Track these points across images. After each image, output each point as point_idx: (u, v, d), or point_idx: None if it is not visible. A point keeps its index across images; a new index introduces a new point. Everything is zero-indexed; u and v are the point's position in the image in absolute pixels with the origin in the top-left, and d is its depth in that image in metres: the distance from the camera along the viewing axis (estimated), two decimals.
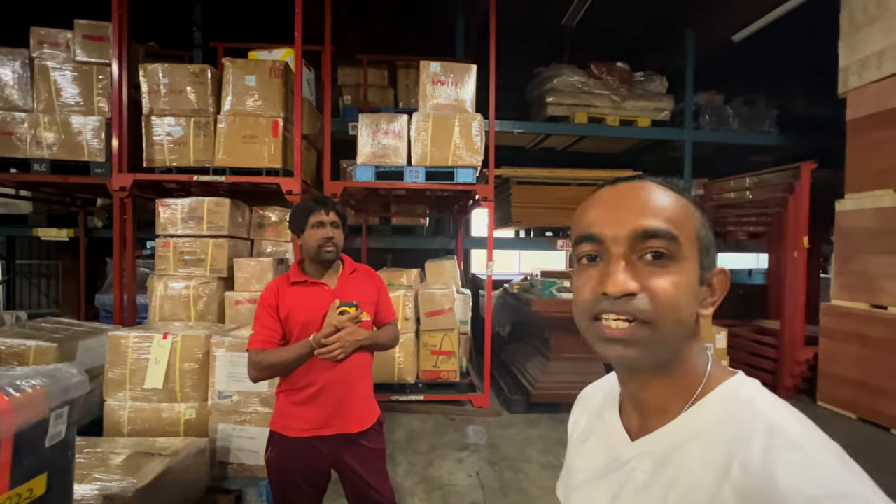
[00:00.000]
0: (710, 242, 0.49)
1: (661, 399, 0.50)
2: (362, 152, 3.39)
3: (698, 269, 0.47)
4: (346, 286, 1.50)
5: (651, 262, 0.46)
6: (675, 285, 0.45)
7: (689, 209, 0.48)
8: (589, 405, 0.65)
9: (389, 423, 3.21)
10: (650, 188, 0.48)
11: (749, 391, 0.47)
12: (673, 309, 0.45)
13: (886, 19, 3.36)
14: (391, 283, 3.78)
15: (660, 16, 4.94)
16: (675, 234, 0.46)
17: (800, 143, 5.14)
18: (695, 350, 0.49)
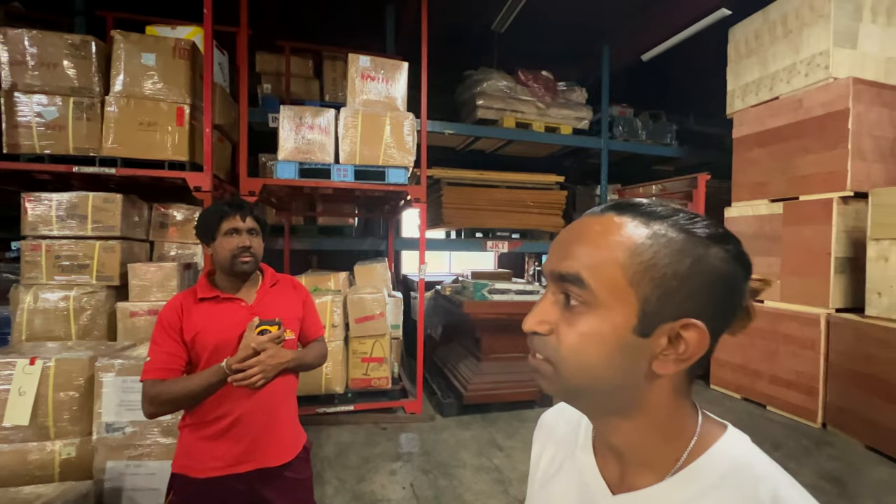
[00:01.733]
0: (671, 289, 0.41)
1: (640, 449, 0.47)
2: (284, 147, 3.13)
3: (633, 318, 0.41)
4: (267, 301, 1.34)
5: (566, 306, 0.44)
6: (578, 333, 0.43)
7: (639, 249, 0.41)
8: (553, 435, 0.61)
9: (316, 438, 3.01)
10: (598, 224, 0.44)
11: (745, 453, 0.44)
12: (573, 356, 0.43)
13: (761, 53, 3.88)
14: (317, 288, 3.55)
15: (580, 31, 5.24)
16: (585, 279, 0.42)
17: (696, 156, 5.79)
18: (667, 402, 0.45)
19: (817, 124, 3.36)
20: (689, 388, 0.47)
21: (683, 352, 0.42)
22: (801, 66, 3.51)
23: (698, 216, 0.44)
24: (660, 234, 0.42)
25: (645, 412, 0.45)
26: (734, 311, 0.45)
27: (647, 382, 0.44)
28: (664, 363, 0.42)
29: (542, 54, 5.52)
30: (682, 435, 0.46)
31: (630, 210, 0.44)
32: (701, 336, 0.42)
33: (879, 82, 3.29)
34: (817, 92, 3.38)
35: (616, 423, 0.47)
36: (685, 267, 0.41)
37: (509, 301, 3.55)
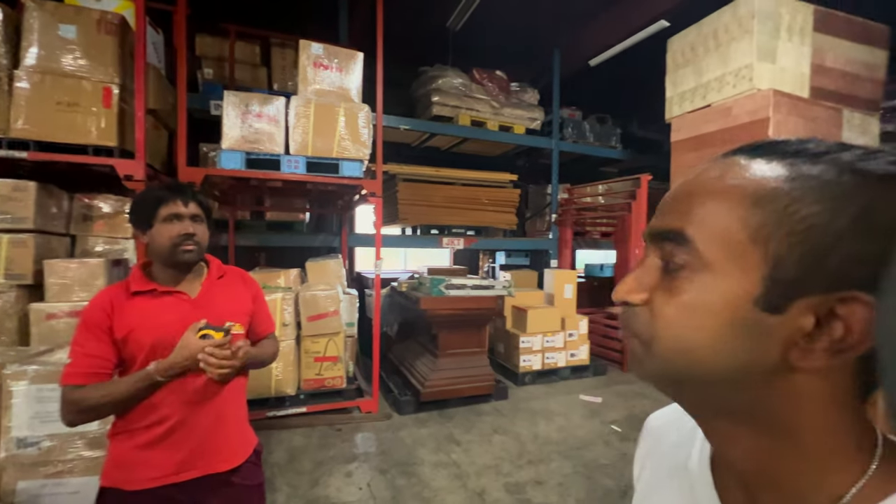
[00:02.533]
0: (821, 247, 0.29)
1: (773, 477, 0.34)
2: (229, 136, 2.93)
3: (756, 285, 0.30)
4: (212, 294, 1.23)
5: (666, 272, 0.35)
6: (678, 304, 0.33)
7: (770, 193, 0.31)
8: (660, 444, 0.49)
9: (266, 444, 2.85)
10: (717, 169, 0.34)
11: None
12: (670, 333, 0.33)
13: (696, 63, 4.19)
14: (266, 286, 3.37)
15: (532, 34, 5.38)
16: (689, 235, 0.33)
17: (638, 159, 6.14)
18: (819, 414, 0.32)
19: (744, 131, 3.67)
20: (859, 400, 0.32)
21: (841, 338, 0.29)
22: (729, 76, 3.82)
23: (882, 150, 0.31)
24: (806, 174, 0.30)
25: (778, 424, 0.33)
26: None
27: (780, 379, 0.31)
28: (808, 354, 0.30)
29: (497, 54, 5.61)
30: (844, 468, 0.32)
31: (767, 149, 0.33)
32: (868, 315, 0.28)
33: (794, 95, 3.65)
34: (743, 101, 3.69)
35: (733, 431, 0.35)
36: (845, 218, 0.29)
37: (466, 296, 3.57)
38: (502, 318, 4.52)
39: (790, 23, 3.71)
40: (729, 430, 0.35)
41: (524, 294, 4.62)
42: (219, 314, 1.18)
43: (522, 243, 5.90)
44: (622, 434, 3.13)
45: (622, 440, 3.04)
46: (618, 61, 5.31)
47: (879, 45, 4.06)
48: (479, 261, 7.12)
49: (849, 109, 3.91)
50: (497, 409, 3.57)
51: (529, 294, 4.68)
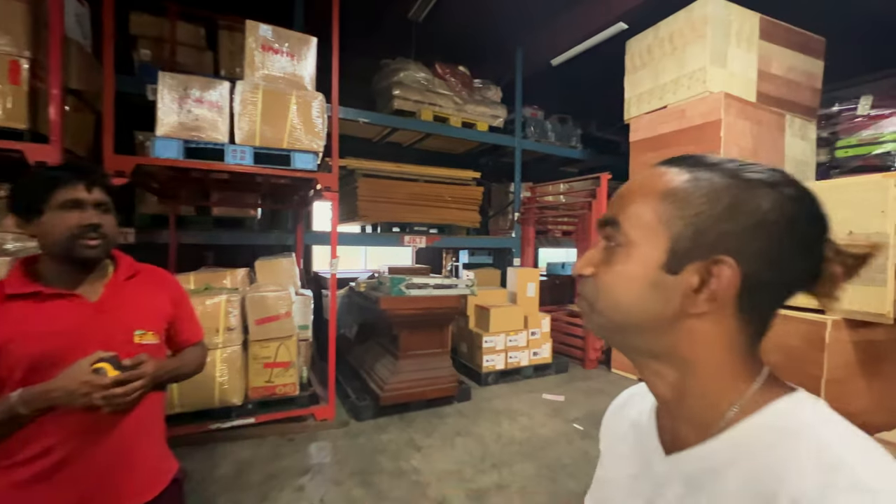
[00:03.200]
0: (703, 227, 0.41)
1: (683, 403, 0.45)
2: (165, 122, 2.66)
3: (662, 254, 0.42)
4: (119, 298, 1.05)
5: (606, 249, 0.47)
6: (612, 272, 0.45)
7: (673, 191, 0.43)
8: (624, 410, 0.60)
9: (209, 459, 2.62)
10: (645, 175, 0.47)
11: (808, 414, 0.40)
12: (607, 293, 0.45)
13: (653, 65, 4.29)
14: (209, 287, 3.11)
15: (495, 29, 5.34)
16: (619, 221, 0.45)
17: (597, 159, 6.26)
18: (711, 353, 0.43)
19: (697, 132, 3.79)
20: (748, 346, 0.43)
21: (714, 290, 0.41)
22: (684, 79, 3.93)
23: (757, 163, 0.43)
24: (700, 177, 0.42)
25: (683, 358, 0.44)
26: (798, 269, 0.42)
27: (681, 324, 0.43)
28: (694, 302, 0.42)
29: (460, 50, 5.53)
30: (732, 391, 0.42)
31: (679, 161, 0.46)
32: (732, 273, 0.40)
33: (743, 98, 3.81)
34: (697, 103, 3.81)
35: (657, 368, 0.46)
36: (721, 206, 0.41)
37: (428, 295, 3.45)
38: (465, 318, 4.45)
39: (739, 30, 3.86)
40: (655, 367, 0.46)
41: (487, 293, 4.56)
42: (127, 321, 1.00)
43: (486, 241, 5.85)
44: (584, 432, 3.12)
45: (584, 438, 3.03)
46: (578, 62, 5.38)
47: (817, 56, 4.32)
48: (443, 259, 7.02)
49: (791, 115, 4.14)
50: (460, 410, 3.49)
51: (492, 293, 4.63)
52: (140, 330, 1.07)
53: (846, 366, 2.80)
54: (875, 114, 4.61)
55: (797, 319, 2.94)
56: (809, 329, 2.86)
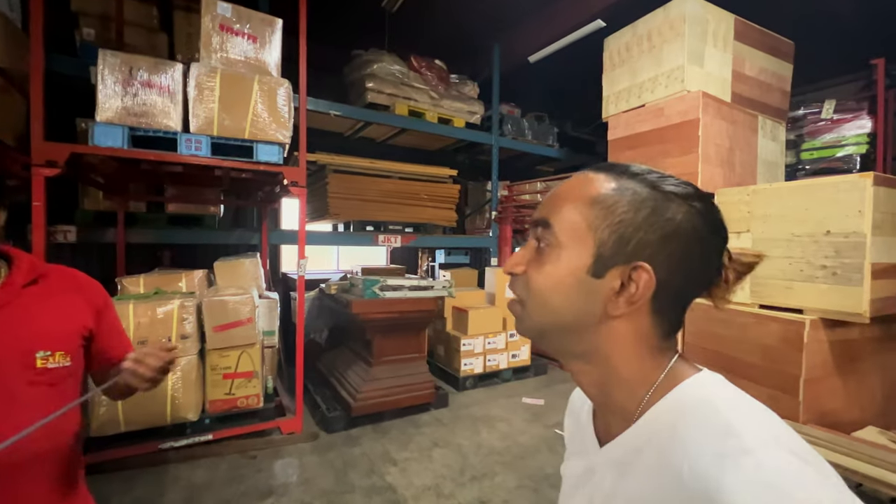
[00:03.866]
0: (625, 235, 0.45)
1: (608, 397, 0.49)
2: (106, 106, 2.37)
3: (588, 259, 0.46)
4: (16, 310, 0.83)
5: (537, 249, 0.49)
6: (542, 273, 0.47)
7: (601, 198, 0.46)
8: (574, 410, 0.64)
9: (157, 483, 2.35)
10: (576, 178, 0.49)
11: (709, 390, 0.44)
12: (536, 294, 0.48)
13: (631, 63, 4.26)
14: (159, 291, 2.81)
15: (472, 24, 5.20)
16: (550, 222, 0.47)
17: (573, 158, 6.23)
18: (628, 349, 0.47)
19: (675, 131, 3.77)
20: (660, 340, 0.47)
21: (633, 293, 0.45)
22: (662, 77, 3.91)
23: (674, 177, 0.48)
24: (625, 187, 0.46)
25: (604, 356, 0.47)
26: (702, 274, 0.47)
27: (604, 324, 0.46)
28: (615, 304, 0.45)
29: (436, 44, 5.36)
30: (646, 381, 0.47)
31: (607, 168, 0.49)
32: (649, 278, 0.44)
33: (719, 98, 3.81)
34: (675, 102, 3.78)
35: (582, 367, 0.49)
36: (642, 216, 0.45)
37: (403, 298, 3.27)
38: (442, 320, 4.29)
39: (715, 29, 3.86)
40: (581, 367, 0.50)
41: (465, 294, 4.42)
42: (24, 340, 0.79)
43: (462, 241, 5.71)
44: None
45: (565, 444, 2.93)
46: (554, 60, 5.31)
47: (786, 59, 4.40)
48: (419, 259, 6.84)
49: (763, 116, 4.19)
50: (437, 418, 3.32)
51: (470, 294, 4.49)
52: (44, 350, 0.85)
53: (823, 365, 2.81)
54: (838, 118, 4.77)
55: (775, 319, 2.94)
56: (787, 329, 2.86)
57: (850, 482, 2.23)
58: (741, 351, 3.13)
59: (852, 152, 4.70)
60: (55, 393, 0.87)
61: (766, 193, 3.08)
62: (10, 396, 0.82)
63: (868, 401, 2.97)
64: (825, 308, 2.75)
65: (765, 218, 3.07)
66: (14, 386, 0.82)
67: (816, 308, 2.79)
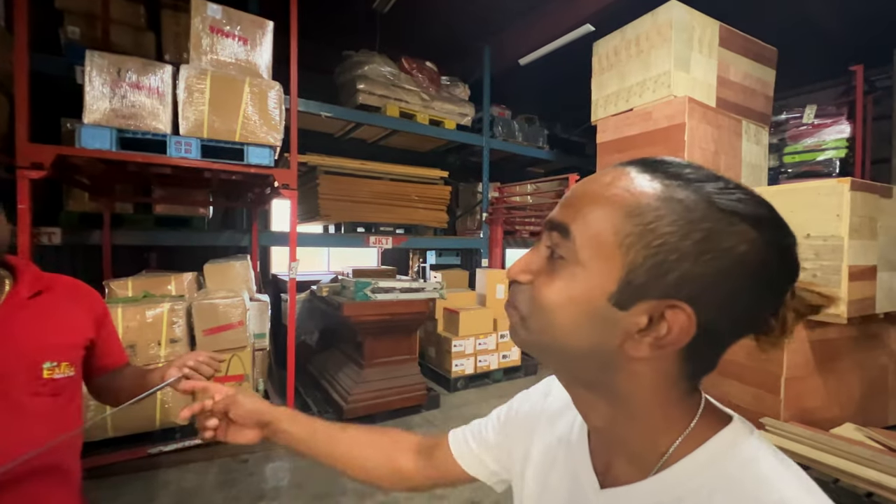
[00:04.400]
0: (666, 262, 0.35)
1: (620, 438, 0.43)
2: (94, 108, 2.34)
3: (612, 284, 0.37)
4: (18, 322, 0.83)
5: (550, 258, 0.41)
6: (552, 288, 0.39)
7: (640, 208, 0.36)
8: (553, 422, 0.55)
9: (146, 489, 2.33)
10: (610, 176, 0.40)
11: (749, 450, 0.38)
12: (542, 311, 0.40)
13: (619, 67, 4.32)
14: (148, 294, 2.79)
15: (463, 26, 5.23)
16: (571, 230, 0.39)
17: (563, 160, 6.30)
18: (650, 391, 0.39)
19: (662, 135, 3.84)
20: (688, 381, 0.40)
21: (663, 336, 0.36)
22: (649, 82, 3.98)
23: (744, 189, 0.37)
24: (674, 197, 0.36)
25: (618, 396, 0.41)
26: (757, 315, 0.38)
27: (620, 362, 0.39)
28: (637, 344, 0.37)
29: (427, 45, 5.37)
30: (670, 430, 0.40)
31: (654, 167, 0.39)
32: (688, 323, 0.36)
33: (704, 103, 3.90)
34: (662, 106, 3.86)
35: (588, 398, 0.44)
36: (692, 240, 0.35)
37: (395, 300, 3.28)
38: (433, 321, 4.31)
39: (701, 36, 3.95)
40: (587, 397, 0.43)
41: (456, 295, 4.44)
42: (29, 352, 0.79)
43: (453, 242, 5.74)
44: None
45: None
46: (544, 63, 5.36)
47: (770, 65, 4.51)
48: (409, 261, 6.85)
49: (747, 121, 4.29)
50: (429, 419, 3.34)
51: (461, 295, 4.51)
52: (50, 361, 0.86)
53: (805, 364, 2.90)
54: (818, 122, 4.90)
55: None
56: None
57: (828, 477, 2.31)
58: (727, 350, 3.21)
59: (832, 156, 4.83)
60: (58, 403, 0.88)
61: None
62: (16, 407, 0.82)
63: (846, 398, 3.07)
64: None
65: None
66: (19, 397, 0.83)
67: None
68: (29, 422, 0.82)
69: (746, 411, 3.04)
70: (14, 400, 0.82)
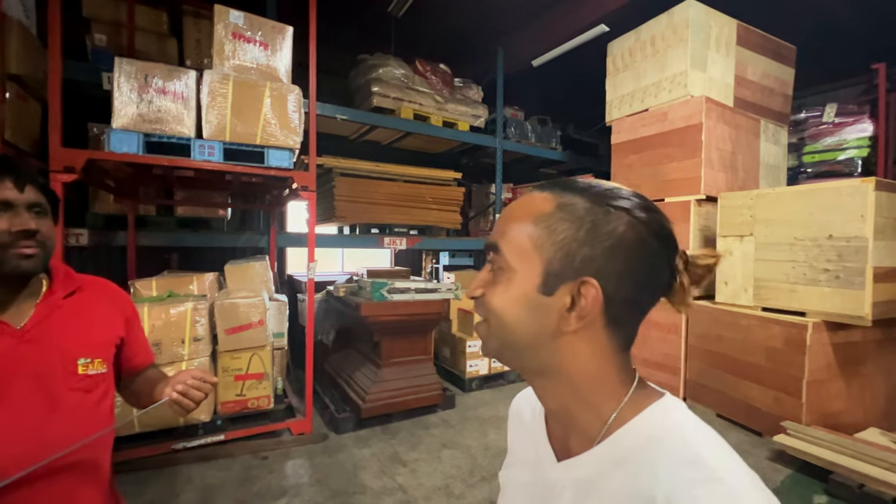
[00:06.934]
0: (570, 252, 0.45)
1: (569, 413, 0.50)
2: (123, 113, 2.41)
3: (537, 278, 0.46)
4: (54, 322, 0.87)
5: (491, 271, 0.50)
6: (497, 294, 0.48)
7: (543, 216, 0.47)
8: (519, 415, 0.64)
9: (171, 485, 2.39)
10: (523, 199, 0.50)
11: (675, 417, 0.46)
12: (495, 315, 0.48)
13: (634, 68, 4.30)
14: (172, 294, 2.86)
15: (476, 28, 5.25)
16: (500, 246, 0.49)
17: (576, 161, 6.27)
18: (587, 365, 0.47)
19: (679, 135, 3.81)
20: (618, 355, 0.48)
21: (583, 307, 0.45)
22: (665, 82, 3.95)
23: (619, 188, 0.48)
24: (566, 203, 0.47)
25: (564, 373, 0.48)
26: (653, 282, 0.47)
27: (559, 341, 0.47)
28: (567, 320, 0.46)
29: (440, 48, 5.41)
30: (610, 401, 0.47)
31: (551, 185, 0.49)
32: (596, 293, 0.44)
33: (722, 102, 3.86)
34: (678, 107, 3.83)
35: (543, 384, 0.51)
36: (584, 231, 0.45)
37: (411, 300, 3.31)
38: (448, 322, 4.33)
39: (718, 35, 3.91)
40: (542, 383, 0.51)
41: None
42: (66, 349, 0.83)
43: (467, 243, 5.75)
44: None
45: None
46: (557, 63, 5.36)
47: (788, 63, 4.45)
48: (423, 261, 6.88)
49: (765, 120, 4.23)
50: (445, 419, 3.36)
51: None
52: (84, 358, 0.90)
53: (827, 367, 2.85)
54: (839, 121, 4.80)
55: (778, 322, 2.98)
56: (790, 331, 2.90)
57: (853, 482, 2.27)
58: (745, 353, 3.17)
59: (854, 156, 4.73)
60: (91, 399, 0.92)
61: (769, 198, 3.12)
62: (54, 401, 0.86)
63: (871, 403, 3.02)
64: (828, 311, 2.79)
65: (768, 222, 3.11)
66: (57, 391, 0.87)
67: (819, 311, 2.83)
68: (65, 416, 0.86)
69: (766, 414, 3.01)
70: (53, 394, 0.86)
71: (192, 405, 0.92)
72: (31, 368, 0.80)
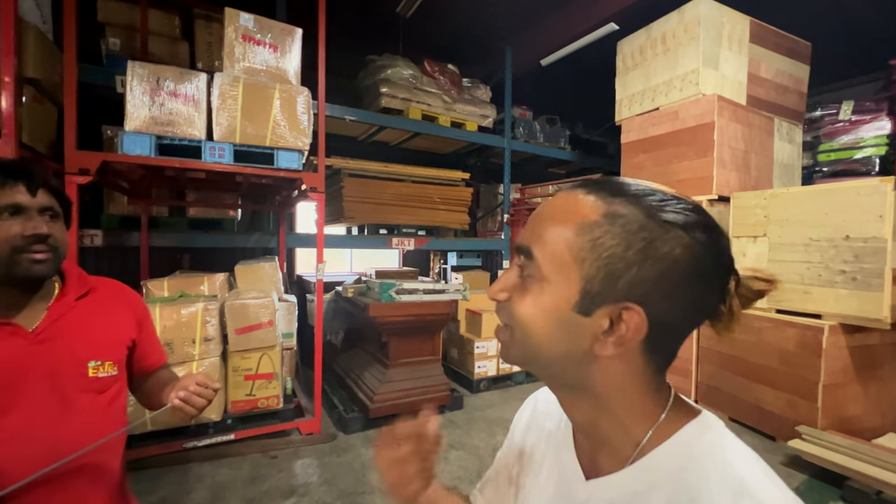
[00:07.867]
0: (615, 271, 0.40)
1: (600, 431, 0.47)
2: (135, 115, 2.45)
3: (574, 295, 0.42)
4: (66, 324, 0.88)
5: (520, 276, 0.45)
6: (525, 303, 0.44)
7: (588, 226, 0.41)
8: (539, 424, 0.60)
9: (182, 482, 2.42)
10: (563, 199, 0.45)
11: (714, 438, 0.43)
12: (520, 324, 0.44)
13: (644, 66, 4.25)
14: (183, 294, 2.89)
15: (484, 28, 5.23)
16: (533, 252, 0.44)
17: (585, 160, 6.22)
18: (621, 386, 0.44)
19: (690, 134, 3.76)
20: (654, 375, 0.45)
21: (623, 335, 0.41)
22: (676, 81, 3.90)
23: (678, 199, 0.42)
24: (617, 213, 0.41)
25: (596, 393, 0.45)
26: (703, 305, 0.43)
27: (592, 362, 0.43)
28: (603, 345, 0.42)
29: (448, 48, 5.40)
30: (644, 421, 0.45)
31: (599, 187, 0.44)
32: (640, 321, 0.41)
33: (734, 101, 3.80)
34: (690, 105, 3.78)
35: (570, 397, 0.48)
36: (634, 250, 0.40)
37: (419, 301, 3.31)
38: (456, 322, 4.32)
39: (731, 32, 3.85)
40: (569, 397, 0.48)
41: (478, 296, 4.44)
42: (77, 351, 0.84)
43: (475, 244, 5.74)
44: None
45: None
46: (565, 63, 5.32)
47: (803, 61, 4.36)
48: (431, 262, 6.88)
49: (779, 118, 4.16)
50: (452, 420, 3.36)
51: (483, 296, 4.51)
52: (95, 360, 0.91)
53: (843, 371, 2.79)
54: (856, 119, 4.69)
55: (794, 325, 2.93)
56: (806, 334, 2.84)
57: (870, 489, 2.21)
58: (759, 356, 3.11)
59: (871, 154, 4.62)
60: (103, 400, 0.93)
61: (783, 197, 3.06)
62: (66, 403, 0.87)
63: (889, 407, 2.94)
64: (844, 313, 2.73)
65: (782, 222, 3.05)
66: (69, 393, 0.88)
67: (835, 313, 2.77)
68: (78, 417, 0.87)
69: (780, 418, 2.95)
70: (65, 396, 0.87)
71: (194, 411, 0.92)
72: (43, 370, 0.82)
